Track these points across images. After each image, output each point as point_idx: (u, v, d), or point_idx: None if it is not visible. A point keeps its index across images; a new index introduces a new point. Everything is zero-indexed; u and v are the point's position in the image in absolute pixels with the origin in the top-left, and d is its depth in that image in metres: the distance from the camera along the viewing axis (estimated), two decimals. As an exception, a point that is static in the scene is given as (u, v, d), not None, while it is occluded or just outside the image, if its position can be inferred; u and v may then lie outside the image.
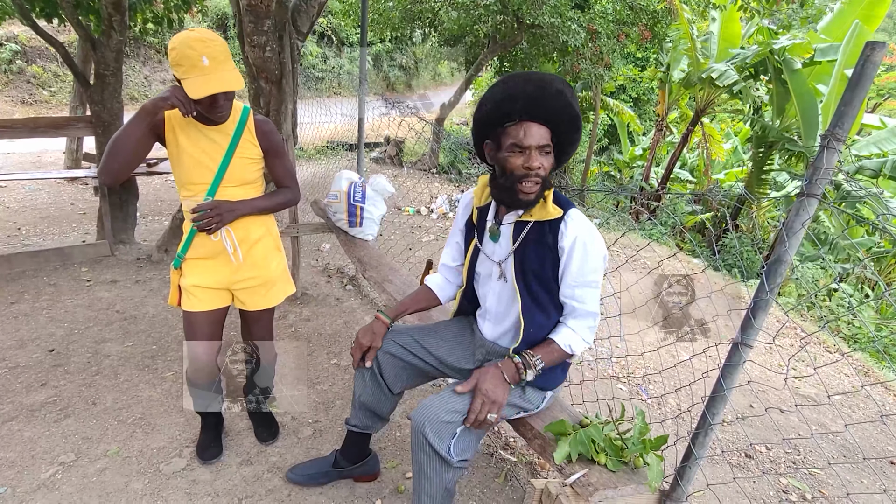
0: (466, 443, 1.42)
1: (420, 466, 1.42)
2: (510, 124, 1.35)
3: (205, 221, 1.63)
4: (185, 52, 1.45)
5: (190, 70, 1.45)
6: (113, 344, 2.78)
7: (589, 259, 1.41)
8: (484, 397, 1.37)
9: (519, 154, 1.35)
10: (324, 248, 4.66)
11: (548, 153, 1.37)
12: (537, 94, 1.32)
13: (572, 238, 1.40)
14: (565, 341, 1.45)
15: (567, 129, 1.37)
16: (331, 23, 17.26)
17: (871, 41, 1.08)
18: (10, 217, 5.45)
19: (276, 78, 3.56)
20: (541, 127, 1.34)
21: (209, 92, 1.47)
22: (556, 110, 1.33)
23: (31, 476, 1.85)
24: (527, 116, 1.33)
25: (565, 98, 1.33)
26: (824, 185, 1.15)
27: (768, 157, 8.57)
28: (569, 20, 7.30)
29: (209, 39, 1.48)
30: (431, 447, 1.36)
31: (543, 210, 1.43)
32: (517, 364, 1.42)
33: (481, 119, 1.41)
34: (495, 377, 1.40)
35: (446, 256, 1.76)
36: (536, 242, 1.45)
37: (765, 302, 1.22)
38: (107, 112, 3.95)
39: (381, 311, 1.68)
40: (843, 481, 2.26)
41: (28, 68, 11.84)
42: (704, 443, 1.35)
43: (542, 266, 1.45)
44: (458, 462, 1.39)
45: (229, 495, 1.83)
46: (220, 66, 1.49)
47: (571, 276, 1.43)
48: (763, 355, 3.45)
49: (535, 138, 1.33)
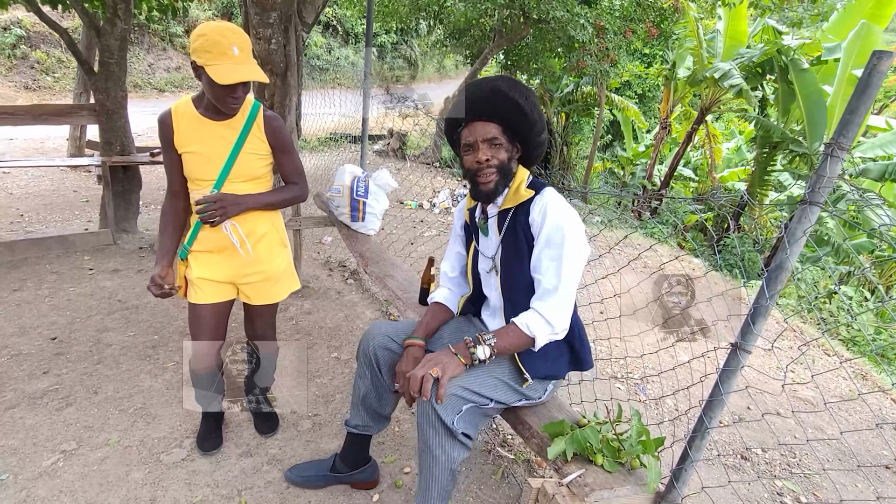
0: (470, 420, 1.44)
1: (426, 444, 1.43)
2: (461, 129, 1.52)
3: (208, 213, 1.64)
4: (216, 38, 1.47)
5: (219, 57, 1.48)
6: (114, 333, 2.80)
7: (555, 228, 1.42)
8: (425, 361, 1.41)
9: (470, 152, 1.50)
10: (325, 240, 4.67)
11: (498, 145, 1.47)
12: (475, 96, 1.46)
13: (540, 209, 1.46)
14: (523, 321, 1.43)
15: (513, 119, 1.47)
16: (336, 13, 17.17)
17: (878, 50, 1.08)
18: (13, 203, 5.46)
19: (281, 70, 3.55)
20: (486, 123, 1.47)
21: (239, 79, 1.49)
22: (495, 104, 1.44)
23: (32, 463, 1.87)
24: (469, 118, 1.49)
25: (502, 92, 1.43)
26: (827, 193, 1.15)
27: (772, 158, 8.55)
28: (576, 15, 7.25)
29: (239, 31, 1.52)
30: (438, 418, 1.38)
31: (517, 195, 1.51)
32: (467, 341, 1.43)
33: (445, 134, 1.61)
34: (441, 351, 1.44)
35: (446, 266, 1.81)
36: (516, 228, 1.51)
37: (764, 308, 1.22)
38: (110, 100, 3.95)
39: (410, 336, 1.63)
40: (838, 486, 2.28)
41: (32, 54, 11.83)
42: (700, 445, 1.36)
43: (521, 249, 1.50)
44: (462, 435, 1.41)
45: (229, 486, 1.85)
46: (248, 57, 1.53)
47: (538, 247, 1.46)
48: (762, 357, 3.46)
49: (480, 133, 1.47)
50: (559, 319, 1.42)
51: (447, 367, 1.38)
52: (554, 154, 12.63)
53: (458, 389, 1.40)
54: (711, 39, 9.42)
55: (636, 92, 16.25)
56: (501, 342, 1.42)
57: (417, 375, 1.36)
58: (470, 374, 1.43)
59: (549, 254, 1.43)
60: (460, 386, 1.40)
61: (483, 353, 1.41)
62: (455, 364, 1.40)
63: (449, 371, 1.38)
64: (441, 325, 1.73)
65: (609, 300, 2.23)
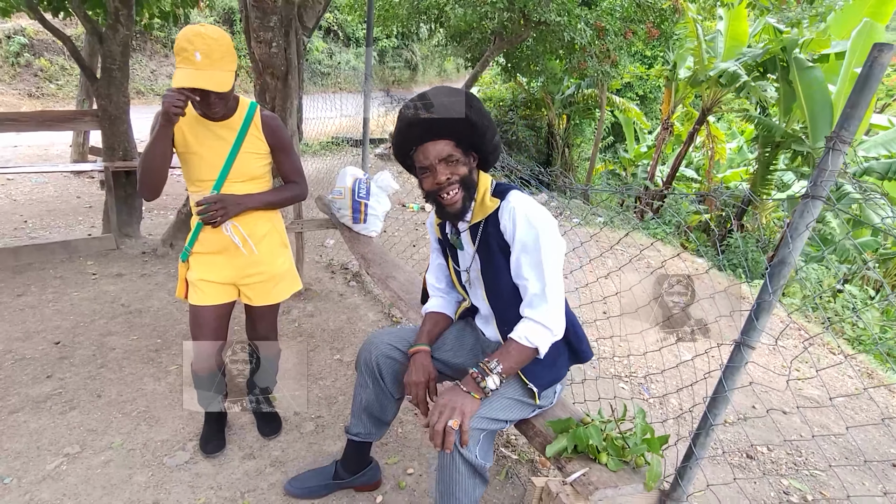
0: (488, 445, 1.42)
1: (448, 489, 1.39)
2: (413, 153, 1.46)
3: (209, 214, 1.64)
4: (182, 44, 1.48)
5: (183, 61, 1.49)
6: (118, 337, 2.80)
7: (527, 232, 1.39)
8: (441, 408, 1.34)
9: (428, 175, 1.44)
10: (328, 243, 4.67)
11: (454, 161, 1.42)
12: (417, 118, 1.39)
13: (509, 215, 1.42)
14: (521, 334, 1.39)
15: (463, 132, 1.41)
16: (337, 18, 17.24)
17: (879, 43, 1.08)
18: (17, 210, 5.49)
19: (282, 74, 3.56)
20: (437, 143, 1.41)
21: (188, 85, 1.48)
22: (441, 122, 1.38)
23: (36, 467, 1.88)
24: (419, 140, 1.42)
25: (444, 107, 1.37)
26: (829, 187, 1.15)
27: (774, 157, 8.52)
28: (576, 17, 7.26)
29: (209, 37, 1.49)
30: (462, 459, 1.35)
31: (483, 207, 1.47)
32: (473, 375, 1.38)
33: (397, 159, 1.54)
34: (452, 390, 1.38)
35: (431, 277, 1.77)
36: (488, 240, 1.48)
37: (768, 303, 1.22)
38: (113, 106, 3.97)
39: (415, 344, 1.61)
40: (844, 483, 2.26)
41: (35, 62, 11.91)
42: (705, 443, 1.35)
43: (497, 260, 1.47)
44: (483, 468, 1.39)
45: (231, 489, 1.84)
46: (213, 64, 1.50)
47: (515, 252, 1.43)
48: (767, 356, 3.44)
49: (434, 154, 1.41)
50: (554, 321, 1.40)
51: (465, 410, 1.33)
52: (555, 156, 12.63)
53: (476, 421, 1.37)
54: (712, 40, 9.41)
55: (637, 93, 16.23)
56: (507, 364, 1.38)
57: (438, 430, 1.32)
58: (483, 403, 1.40)
59: (527, 259, 1.40)
60: (477, 417, 1.38)
61: (493, 384, 1.37)
62: (470, 403, 1.35)
63: (468, 414, 1.33)
64: (442, 331, 1.70)
65: (611, 298, 2.22)
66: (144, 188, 1.64)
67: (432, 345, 1.64)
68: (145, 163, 1.61)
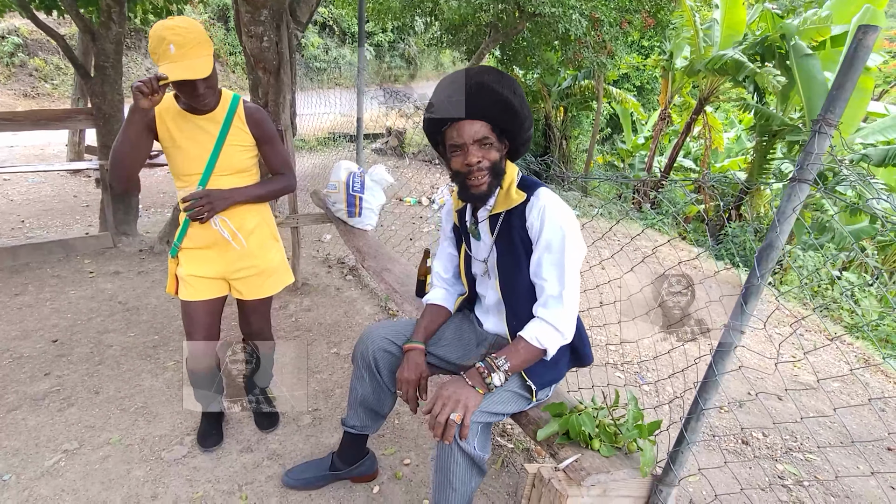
0: (485, 436, 1.43)
1: (446, 479, 1.40)
2: (446, 128, 1.41)
3: (195, 210, 1.64)
4: (155, 42, 1.47)
5: (161, 58, 1.47)
6: (115, 334, 2.81)
7: (556, 232, 1.38)
8: (444, 399, 1.34)
9: (459, 153, 1.40)
10: (324, 238, 4.68)
11: (488, 145, 1.39)
12: (459, 93, 1.35)
13: (537, 213, 1.41)
14: (532, 334, 1.39)
15: (502, 116, 1.38)
16: (332, 13, 17.15)
17: (864, 25, 1.08)
18: (14, 209, 5.49)
19: (274, 68, 3.55)
20: (473, 123, 1.37)
21: (171, 79, 1.47)
22: (482, 102, 1.35)
23: (35, 463, 1.89)
24: (456, 117, 1.37)
25: (487, 87, 1.34)
26: (816, 169, 1.15)
27: (771, 146, 8.50)
28: (570, 9, 7.22)
29: (178, 27, 1.48)
30: (461, 450, 1.35)
31: (508, 198, 1.45)
32: (480, 370, 1.38)
33: (426, 130, 1.49)
34: (456, 382, 1.38)
35: (439, 266, 1.76)
36: (510, 232, 1.46)
37: (756, 287, 1.22)
38: (107, 104, 3.97)
39: (410, 340, 1.60)
40: (838, 467, 2.28)
41: (30, 61, 11.85)
42: (696, 428, 1.36)
43: (517, 254, 1.46)
44: (481, 459, 1.39)
45: (230, 482, 1.86)
46: (188, 52, 1.48)
47: (538, 251, 1.42)
48: (762, 343, 3.45)
49: (469, 134, 1.37)
50: (567, 326, 1.39)
51: (469, 404, 1.33)
52: (553, 148, 12.60)
53: (476, 415, 1.37)
54: (709, 28, 9.37)
55: (634, 84, 16.18)
56: (514, 362, 1.38)
57: (440, 422, 1.32)
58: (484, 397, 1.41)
59: (550, 259, 1.39)
60: (477, 411, 1.38)
61: (499, 380, 1.37)
62: (474, 397, 1.35)
63: (471, 408, 1.33)
64: (439, 326, 1.69)
65: (604, 286, 2.23)
66: (114, 177, 1.62)
67: (428, 341, 1.64)
68: (115, 151, 1.58)
